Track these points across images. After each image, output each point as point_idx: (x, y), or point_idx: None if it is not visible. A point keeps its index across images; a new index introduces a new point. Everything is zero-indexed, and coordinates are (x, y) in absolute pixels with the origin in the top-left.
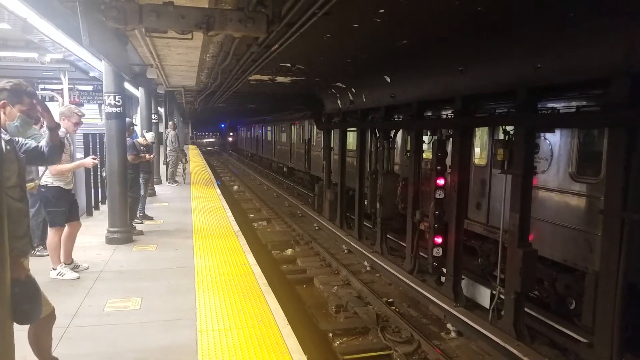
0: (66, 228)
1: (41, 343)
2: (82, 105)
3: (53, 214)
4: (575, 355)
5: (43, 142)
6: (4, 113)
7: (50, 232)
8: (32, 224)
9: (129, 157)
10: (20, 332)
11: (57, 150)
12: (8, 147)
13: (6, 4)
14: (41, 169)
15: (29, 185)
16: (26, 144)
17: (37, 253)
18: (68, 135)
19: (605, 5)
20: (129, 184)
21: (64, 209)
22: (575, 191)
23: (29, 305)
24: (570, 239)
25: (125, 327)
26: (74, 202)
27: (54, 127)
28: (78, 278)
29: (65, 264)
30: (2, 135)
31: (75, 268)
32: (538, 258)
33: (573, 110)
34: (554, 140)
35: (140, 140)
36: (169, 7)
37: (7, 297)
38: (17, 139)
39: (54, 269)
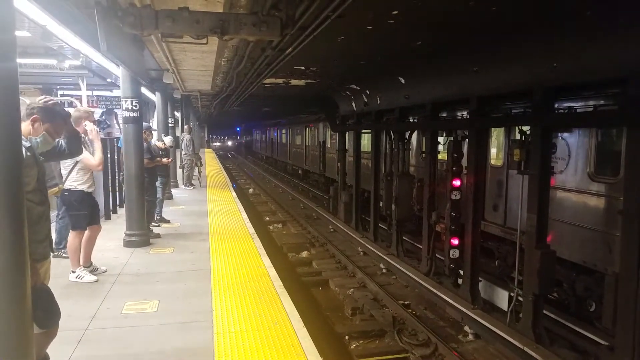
0: (87, 231)
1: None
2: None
3: (75, 217)
4: (595, 358)
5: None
6: (33, 127)
7: (72, 235)
8: (59, 226)
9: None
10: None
11: (75, 140)
12: (28, 153)
13: (26, 12)
14: (64, 173)
15: (53, 190)
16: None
17: (64, 255)
18: (87, 138)
19: (623, 3)
20: (145, 187)
21: (86, 212)
22: (594, 191)
23: (42, 312)
24: (589, 240)
25: (142, 329)
26: (95, 206)
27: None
28: (96, 281)
29: (84, 267)
30: (24, 142)
31: (93, 271)
32: (556, 259)
33: (590, 109)
34: (571, 140)
35: (159, 144)
36: (184, 13)
37: (27, 301)
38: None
39: (73, 272)
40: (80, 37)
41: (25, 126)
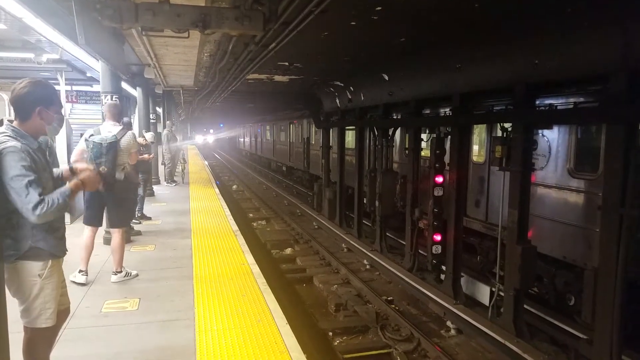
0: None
1: (36, 353)
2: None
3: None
4: (575, 351)
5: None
6: (42, 119)
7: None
8: None
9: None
10: (16, 335)
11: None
12: (39, 154)
13: (3, 4)
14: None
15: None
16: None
17: None
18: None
19: (604, 1)
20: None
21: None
22: (574, 187)
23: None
24: (569, 235)
25: (123, 328)
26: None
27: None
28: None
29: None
30: (30, 144)
31: (126, 276)
32: (537, 255)
33: (571, 106)
34: (552, 137)
35: (139, 140)
36: (164, 6)
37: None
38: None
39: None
40: (58, 30)
41: (32, 123)
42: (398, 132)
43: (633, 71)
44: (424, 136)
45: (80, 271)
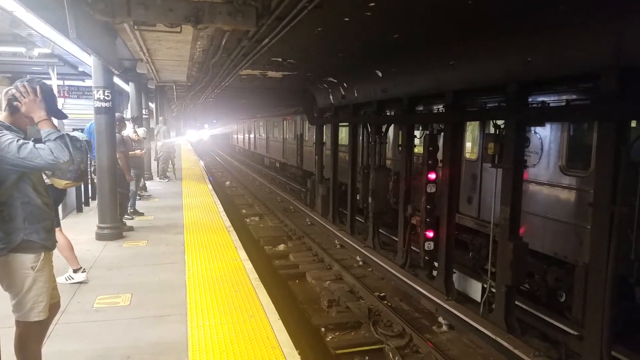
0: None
1: (28, 348)
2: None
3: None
4: (565, 347)
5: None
6: (26, 117)
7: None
8: None
9: (117, 155)
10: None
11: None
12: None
13: None
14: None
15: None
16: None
17: None
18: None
19: None
20: (118, 180)
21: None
22: (565, 184)
23: None
24: (561, 232)
25: (114, 324)
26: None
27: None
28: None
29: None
30: (16, 135)
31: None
32: (529, 251)
33: (563, 104)
34: (544, 134)
35: (132, 136)
36: (157, 0)
37: None
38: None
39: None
40: (49, 24)
41: (17, 119)
42: (391, 128)
43: (625, 69)
44: (417, 133)
45: (75, 270)
